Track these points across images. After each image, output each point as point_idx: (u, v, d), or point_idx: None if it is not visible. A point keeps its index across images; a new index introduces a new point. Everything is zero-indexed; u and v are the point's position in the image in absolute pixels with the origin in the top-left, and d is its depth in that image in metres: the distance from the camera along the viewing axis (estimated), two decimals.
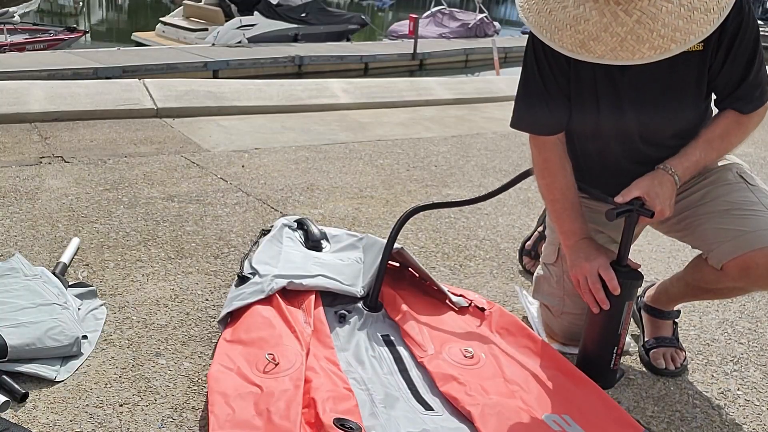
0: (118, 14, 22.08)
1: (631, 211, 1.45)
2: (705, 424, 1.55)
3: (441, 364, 1.54)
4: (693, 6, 1.25)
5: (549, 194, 1.63)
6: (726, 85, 1.46)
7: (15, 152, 3.09)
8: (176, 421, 1.40)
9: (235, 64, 11.24)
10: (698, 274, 1.59)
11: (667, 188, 1.45)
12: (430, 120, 4.51)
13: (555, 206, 1.63)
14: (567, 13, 1.30)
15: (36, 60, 9.81)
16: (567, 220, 1.61)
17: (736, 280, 1.47)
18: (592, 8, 1.27)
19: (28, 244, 2.14)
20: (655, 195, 1.43)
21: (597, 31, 1.28)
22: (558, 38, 1.32)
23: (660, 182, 1.45)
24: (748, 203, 1.49)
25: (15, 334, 1.50)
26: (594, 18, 1.27)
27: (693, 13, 1.25)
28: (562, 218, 1.62)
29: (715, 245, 1.48)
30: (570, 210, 1.61)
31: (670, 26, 1.25)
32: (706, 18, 1.26)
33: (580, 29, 1.29)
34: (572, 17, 1.30)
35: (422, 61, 14.22)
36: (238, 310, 1.68)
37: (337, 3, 28.40)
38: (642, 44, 1.26)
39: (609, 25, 1.26)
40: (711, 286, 1.57)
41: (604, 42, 1.28)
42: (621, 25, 1.26)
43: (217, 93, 4.50)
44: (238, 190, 2.80)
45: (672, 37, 1.25)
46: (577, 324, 1.69)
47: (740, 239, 1.43)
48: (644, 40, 1.26)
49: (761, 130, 4.71)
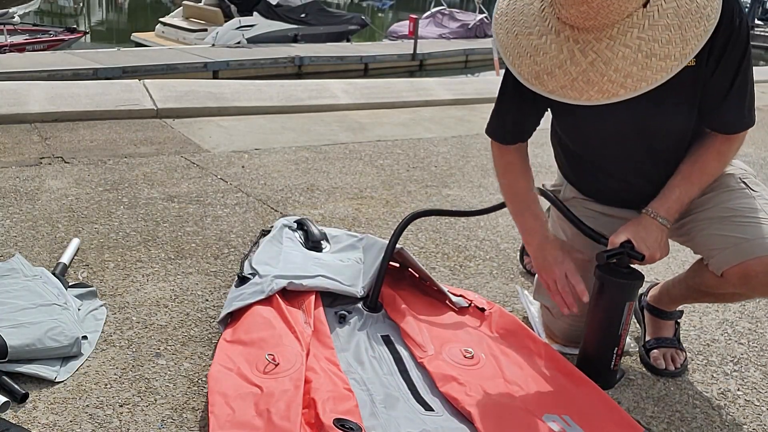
0: (118, 15, 22.08)
1: (621, 254, 1.47)
2: (705, 424, 1.55)
3: (441, 365, 1.54)
4: (652, 52, 1.21)
5: (510, 192, 1.66)
6: (712, 97, 1.41)
7: (15, 153, 3.09)
8: (176, 421, 1.40)
9: (235, 65, 11.24)
10: (699, 278, 1.59)
11: (653, 232, 1.46)
12: (430, 120, 4.51)
13: (516, 205, 1.65)
14: (530, 42, 1.29)
15: (36, 61, 9.81)
16: (529, 218, 1.63)
17: (736, 286, 1.47)
18: (553, 42, 1.27)
19: (28, 245, 2.14)
20: (641, 240, 1.45)
21: (552, 66, 1.27)
22: (518, 64, 1.32)
23: (645, 227, 1.46)
24: (749, 210, 1.48)
25: (15, 334, 1.50)
26: (552, 52, 1.27)
27: (650, 59, 1.21)
28: (524, 216, 1.64)
29: (715, 252, 1.47)
30: (530, 209, 1.63)
31: (623, 72, 1.22)
32: (664, 65, 1.22)
33: (538, 60, 1.28)
34: (534, 47, 1.29)
35: (422, 61, 14.22)
36: (238, 311, 1.68)
37: (337, 3, 28.41)
38: (591, 87, 1.25)
39: (564, 63, 1.26)
40: (712, 290, 1.57)
41: (557, 78, 1.27)
42: (575, 65, 1.25)
43: (217, 93, 4.50)
44: (238, 190, 2.81)
45: (622, 83, 1.23)
46: (577, 326, 1.69)
47: (740, 247, 1.42)
48: (594, 83, 1.24)
49: (761, 130, 4.72)
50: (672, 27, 1.21)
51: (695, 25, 1.22)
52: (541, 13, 1.29)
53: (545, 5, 1.29)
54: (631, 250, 1.45)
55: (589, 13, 1.20)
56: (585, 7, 1.19)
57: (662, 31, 1.21)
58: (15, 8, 13.14)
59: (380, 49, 14.24)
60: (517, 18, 1.32)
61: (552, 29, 1.27)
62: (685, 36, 1.21)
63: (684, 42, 1.22)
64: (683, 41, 1.21)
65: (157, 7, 21.85)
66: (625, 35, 1.21)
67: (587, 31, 1.23)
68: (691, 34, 1.22)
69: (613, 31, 1.21)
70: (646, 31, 1.21)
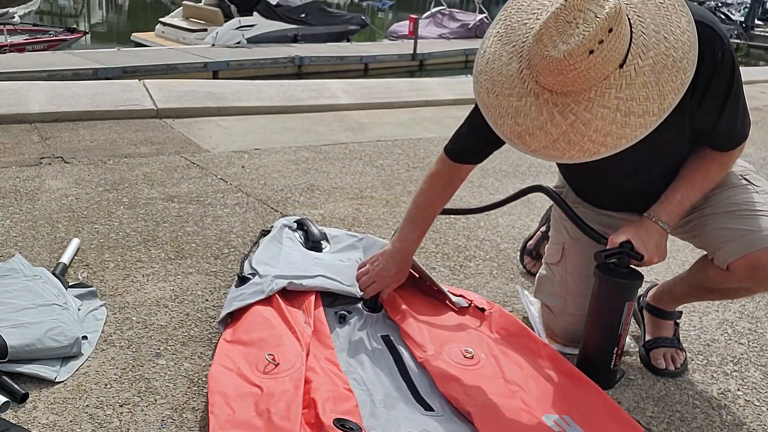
0: (118, 15, 22.07)
1: (621, 254, 1.47)
2: (705, 424, 1.55)
3: (441, 365, 1.54)
4: (630, 110, 1.22)
5: (422, 198, 1.71)
6: (704, 124, 1.43)
7: (15, 153, 3.09)
8: (176, 421, 1.40)
9: (235, 65, 11.23)
10: (703, 274, 1.59)
11: (654, 236, 1.47)
12: (430, 120, 4.51)
13: (415, 208, 1.72)
14: (510, 103, 1.30)
15: (36, 61, 9.80)
16: (412, 229, 1.72)
17: (742, 280, 1.48)
18: (533, 104, 1.28)
19: (28, 245, 2.14)
20: (641, 242, 1.45)
21: (533, 127, 1.28)
22: (500, 124, 1.33)
23: (646, 230, 1.47)
24: (753, 204, 1.50)
25: (15, 334, 1.50)
26: (532, 114, 1.28)
27: (629, 117, 1.22)
28: (411, 223, 1.73)
29: (721, 244, 1.49)
30: (421, 222, 1.72)
31: (602, 131, 1.23)
32: (643, 121, 1.22)
33: (519, 121, 1.30)
34: (514, 108, 1.30)
35: (422, 61, 14.21)
36: (239, 311, 1.68)
37: (337, 3, 28.40)
38: (572, 147, 1.26)
39: (545, 124, 1.27)
40: (716, 286, 1.57)
41: (538, 139, 1.28)
42: (555, 127, 1.26)
43: (217, 93, 4.50)
44: (238, 190, 2.81)
45: (602, 141, 1.24)
46: (577, 325, 1.70)
47: (746, 239, 1.44)
48: (574, 143, 1.25)
49: (761, 130, 4.72)
50: (649, 84, 1.22)
51: (672, 79, 1.22)
52: (520, 75, 1.30)
53: (523, 67, 1.29)
54: (630, 250, 1.45)
55: (566, 82, 1.22)
56: (562, 78, 1.21)
57: (640, 89, 1.22)
58: (15, 8, 13.13)
59: (380, 49, 14.23)
60: (496, 78, 1.33)
61: (531, 92, 1.28)
62: (663, 91, 1.22)
63: (662, 97, 1.22)
64: (661, 96, 1.22)
65: (157, 7, 21.84)
66: (603, 96, 1.22)
67: (565, 94, 1.24)
68: (668, 89, 1.22)
69: (591, 94, 1.23)
70: (624, 91, 1.22)
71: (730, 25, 23.06)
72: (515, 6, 1.36)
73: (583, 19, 1.18)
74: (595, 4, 1.19)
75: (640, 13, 1.25)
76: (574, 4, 1.19)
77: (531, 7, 1.33)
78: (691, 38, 1.24)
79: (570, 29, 1.19)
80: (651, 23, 1.24)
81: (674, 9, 1.26)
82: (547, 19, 1.21)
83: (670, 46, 1.23)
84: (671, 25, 1.24)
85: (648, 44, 1.23)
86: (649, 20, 1.24)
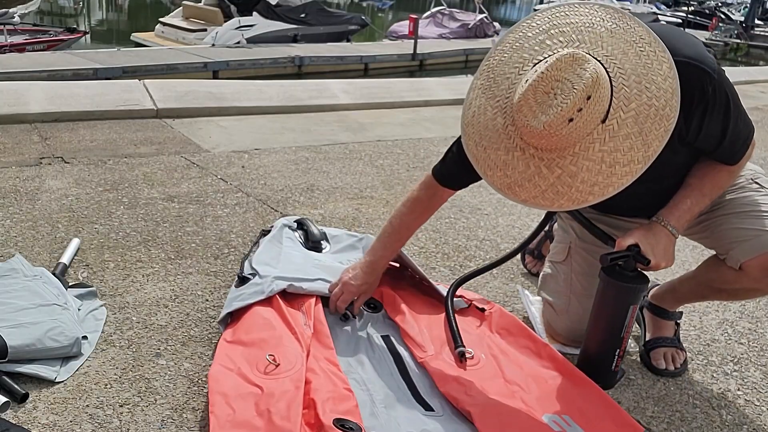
0: (118, 15, 22.07)
1: (627, 257, 1.47)
2: (705, 424, 1.55)
3: (441, 365, 1.54)
4: (615, 161, 1.23)
5: (399, 218, 1.73)
6: (706, 147, 1.43)
7: (15, 153, 3.09)
8: (176, 421, 1.40)
9: (235, 65, 11.23)
10: (714, 274, 1.59)
11: (662, 240, 1.46)
12: (430, 120, 4.51)
13: (390, 228, 1.74)
14: (498, 156, 1.32)
15: (36, 61, 9.80)
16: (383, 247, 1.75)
17: (756, 280, 1.48)
18: (519, 158, 1.30)
19: (28, 245, 2.14)
20: (649, 246, 1.45)
21: (522, 179, 1.30)
22: (490, 175, 1.35)
23: (654, 234, 1.46)
24: (764, 205, 1.51)
25: (15, 334, 1.50)
26: (520, 168, 1.30)
27: (614, 167, 1.23)
28: (385, 241, 1.75)
29: (735, 244, 1.49)
30: (394, 241, 1.75)
31: (589, 182, 1.25)
32: (628, 169, 1.23)
33: (508, 173, 1.32)
34: (502, 161, 1.32)
35: (422, 61, 14.21)
36: (239, 311, 1.68)
37: (337, 3, 28.40)
38: (560, 197, 1.27)
39: (533, 177, 1.29)
40: (726, 286, 1.57)
41: (527, 190, 1.30)
42: (543, 179, 1.28)
43: (217, 93, 4.50)
44: (238, 190, 2.80)
45: (590, 191, 1.25)
46: (580, 324, 1.70)
47: (761, 239, 1.45)
48: (562, 194, 1.27)
49: (761, 130, 4.71)
50: (632, 134, 1.22)
51: (656, 127, 1.22)
52: (505, 131, 1.31)
53: (508, 123, 1.31)
54: (637, 254, 1.45)
55: (550, 143, 1.24)
56: (545, 141, 1.23)
57: (623, 140, 1.23)
58: (15, 8, 13.11)
59: (380, 49, 14.22)
60: (483, 132, 1.35)
61: (517, 146, 1.30)
62: (647, 140, 1.22)
63: (646, 145, 1.23)
64: (645, 145, 1.23)
65: (157, 7, 21.83)
66: (588, 150, 1.24)
67: (551, 150, 1.26)
68: (652, 137, 1.22)
69: (575, 149, 1.24)
70: (608, 144, 1.23)
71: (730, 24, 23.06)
72: (497, 58, 1.37)
73: (561, 89, 1.20)
74: (572, 73, 1.19)
75: (620, 65, 1.24)
76: (551, 74, 1.20)
77: (512, 60, 1.34)
78: (673, 84, 1.23)
79: (549, 99, 1.20)
80: (632, 74, 1.23)
81: (655, 56, 1.24)
82: (526, 90, 1.23)
83: (652, 95, 1.22)
84: (652, 74, 1.23)
85: (630, 96, 1.23)
86: (630, 71, 1.24)
